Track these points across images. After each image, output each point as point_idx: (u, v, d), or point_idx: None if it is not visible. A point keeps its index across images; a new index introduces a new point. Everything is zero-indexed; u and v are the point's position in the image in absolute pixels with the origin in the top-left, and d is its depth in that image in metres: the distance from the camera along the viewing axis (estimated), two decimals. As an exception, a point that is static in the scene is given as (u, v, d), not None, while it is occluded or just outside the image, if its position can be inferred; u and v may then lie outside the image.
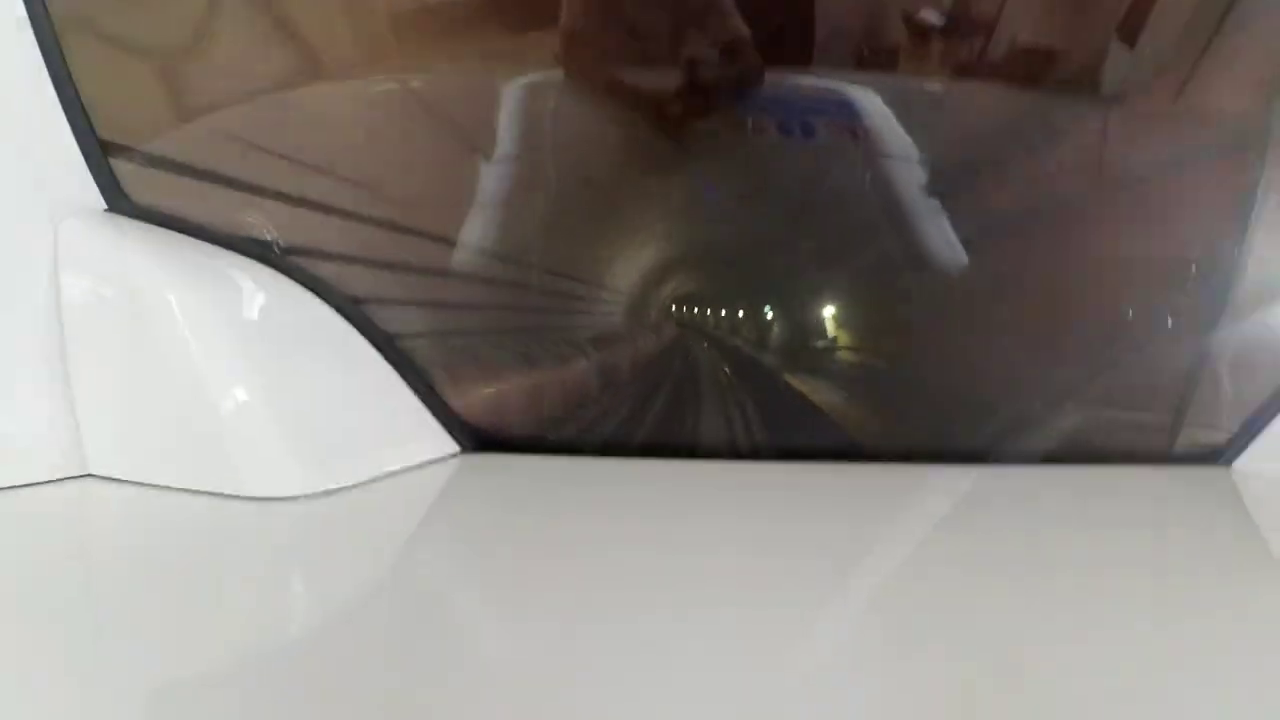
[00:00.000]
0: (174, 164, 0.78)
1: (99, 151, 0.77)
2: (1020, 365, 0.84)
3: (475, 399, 0.83)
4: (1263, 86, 0.82)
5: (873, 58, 0.90)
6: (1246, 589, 0.64)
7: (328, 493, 0.74)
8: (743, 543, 0.68)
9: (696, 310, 0.87)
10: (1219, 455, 0.80)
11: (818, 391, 0.85)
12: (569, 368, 0.86)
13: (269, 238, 0.79)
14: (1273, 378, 0.80)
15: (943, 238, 0.85)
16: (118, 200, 0.77)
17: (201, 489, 0.73)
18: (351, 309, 0.80)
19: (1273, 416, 0.79)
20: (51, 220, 0.75)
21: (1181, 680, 0.52)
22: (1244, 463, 0.80)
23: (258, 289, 0.77)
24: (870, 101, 0.87)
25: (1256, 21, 0.82)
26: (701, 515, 0.74)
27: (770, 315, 0.87)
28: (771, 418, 0.84)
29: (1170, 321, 0.82)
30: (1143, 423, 0.82)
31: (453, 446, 0.82)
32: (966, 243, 0.84)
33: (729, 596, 0.60)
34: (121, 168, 0.78)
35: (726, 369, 0.86)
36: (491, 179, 0.89)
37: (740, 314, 0.87)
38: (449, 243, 0.85)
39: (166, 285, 0.74)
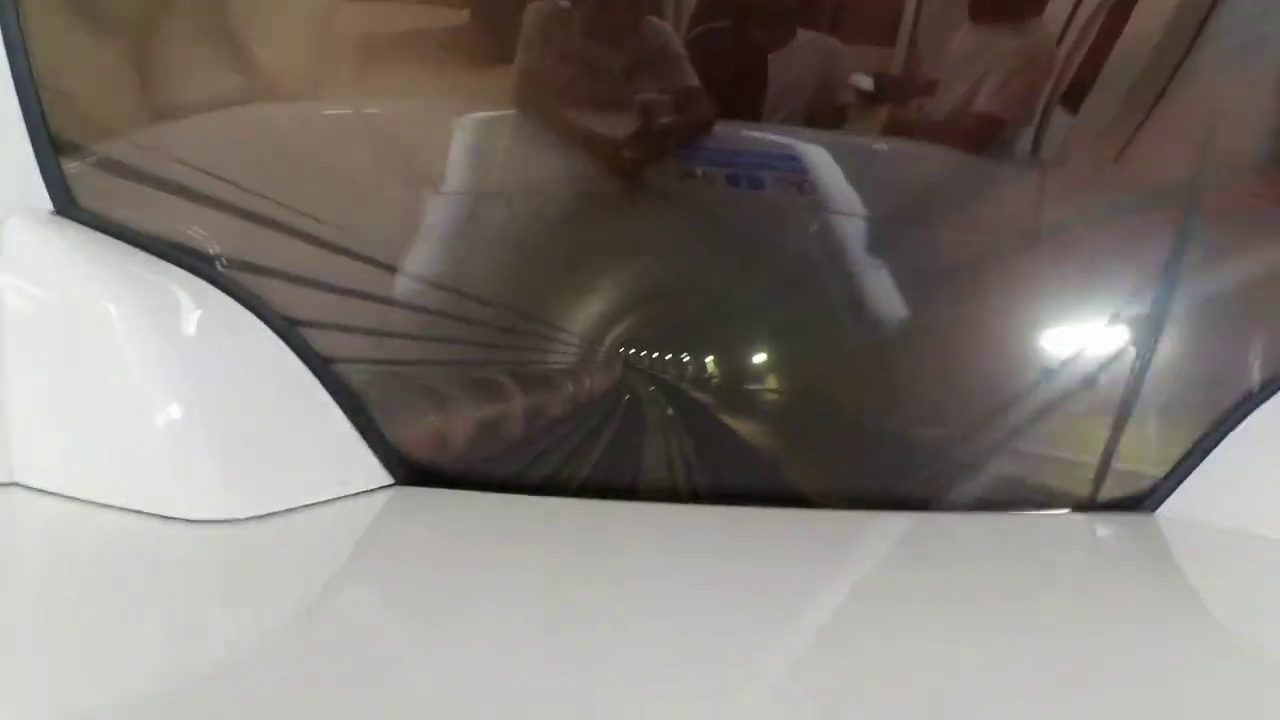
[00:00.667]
0: (125, 170, 0.77)
1: (51, 151, 0.76)
2: (952, 413, 0.85)
3: (411, 431, 0.82)
4: (1194, 148, 0.86)
5: (821, 115, 0.93)
6: (1175, 633, 0.66)
7: (256, 518, 0.72)
8: (677, 586, 0.67)
9: (639, 351, 0.87)
10: (1144, 501, 0.82)
11: (756, 435, 0.86)
12: (507, 404, 0.86)
13: (213, 252, 0.78)
14: (1195, 425, 0.82)
15: (882, 289, 0.87)
16: (65, 204, 0.76)
17: (129, 506, 0.70)
18: (291, 332, 0.79)
19: (1196, 463, 0.81)
20: (-7, 218, 0.74)
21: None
22: (1169, 509, 0.81)
23: (198, 306, 0.75)
24: (818, 156, 0.89)
25: (1195, 88, 0.85)
26: (636, 557, 0.74)
27: (712, 359, 0.88)
28: (711, 461, 0.84)
29: (1096, 371, 0.84)
30: (1069, 470, 0.83)
31: (386, 478, 0.80)
32: (904, 294, 0.86)
33: (662, 640, 0.59)
34: (72, 170, 0.77)
35: (667, 411, 0.86)
36: (439, 211, 0.89)
37: (683, 357, 0.87)
38: (393, 271, 0.85)
39: (107, 294, 0.72)
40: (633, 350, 0.87)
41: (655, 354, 0.87)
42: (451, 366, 0.86)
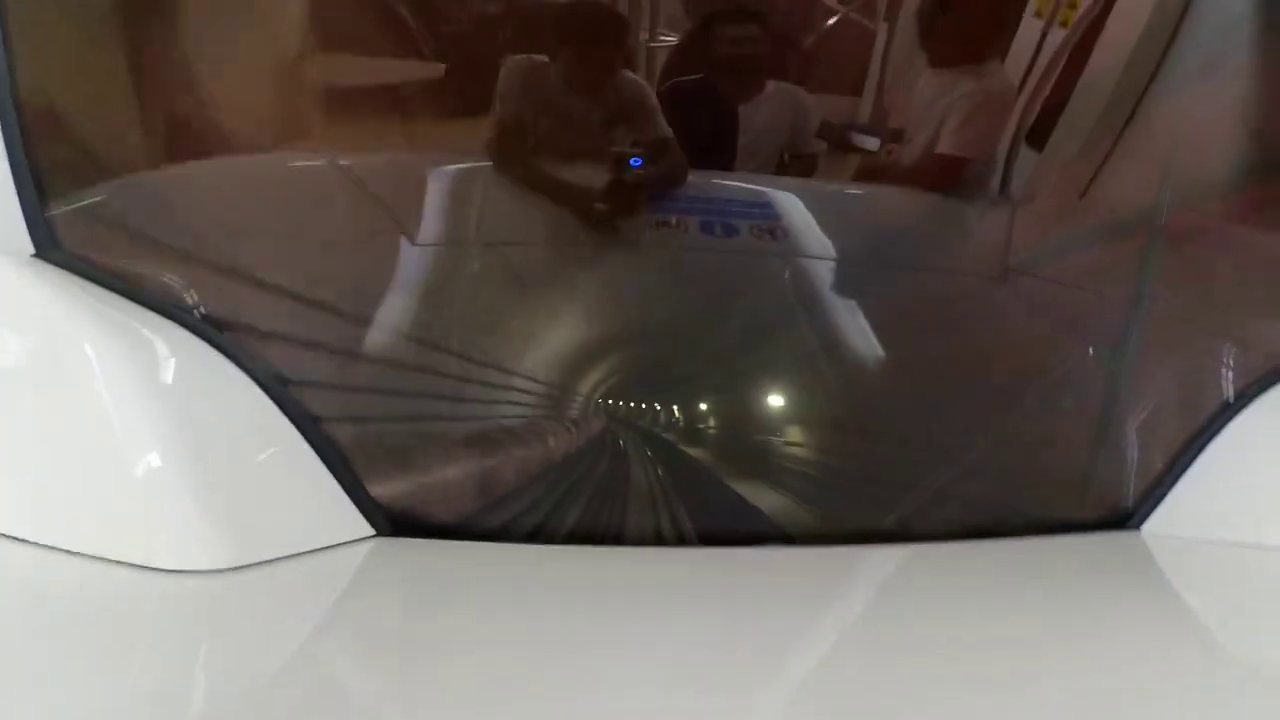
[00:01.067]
0: (106, 215, 0.77)
1: (34, 193, 0.75)
2: (930, 445, 0.86)
3: (391, 483, 0.81)
4: (1156, 177, 0.88)
5: (793, 163, 0.95)
6: (1170, 650, 0.66)
7: (236, 569, 0.70)
8: (668, 631, 0.66)
9: (617, 401, 0.87)
10: (1128, 519, 0.82)
11: (738, 476, 0.86)
12: (488, 456, 0.85)
13: (191, 303, 0.77)
14: (1174, 440, 0.83)
15: (856, 328, 0.87)
16: (46, 246, 0.76)
17: (103, 555, 0.68)
18: (271, 383, 0.78)
19: (1177, 477, 0.82)
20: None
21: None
22: (1154, 525, 0.81)
23: (178, 353, 0.74)
24: (790, 203, 0.91)
25: (1158, 121, 0.88)
26: (623, 602, 0.72)
27: (691, 405, 0.88)
28: (695, 505, 0.84)
29: (1071, 394, 0.85)
30: (1050, 493, 0.84)
31: (367, 529, 0.79)
32: (877, 333, 0.87)
33: (655, 685, 0.59)
34: (55, 213, 0.76)
35: (648, 458, 0.86)
36: (415, 264, 0.89)
37: (662, 404, 0.87)
38: (367, 325, 0.85)
39: (85, 338, 0.71)
40: (611, 400, 0.87)
41: (634, 402, 0.87)
42: (427, 420, 0.86)
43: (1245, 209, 0.89)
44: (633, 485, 0.85)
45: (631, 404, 0.87)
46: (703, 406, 0.89)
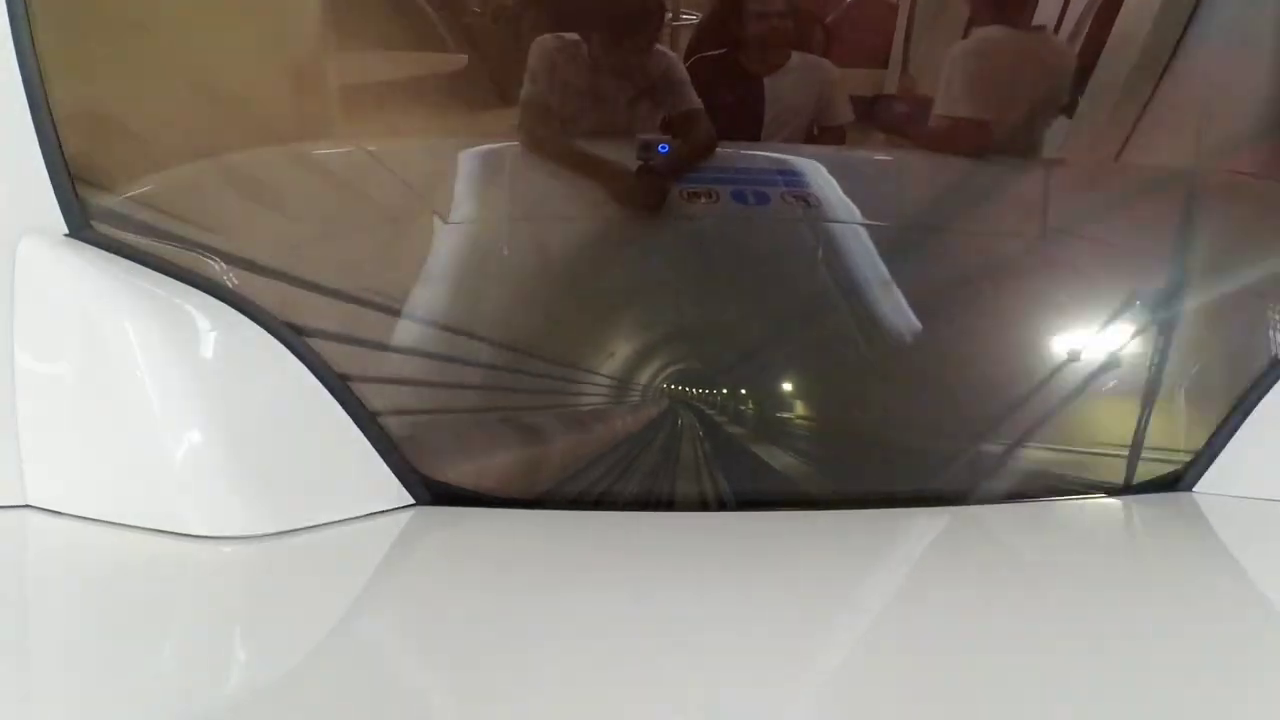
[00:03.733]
0: (140, 196, 0.77)
1: (66, 175, 0.75)
2: (978, 411, 0.85)
3: (430, 452, 0.81)
4: (1193, 135, 0.88)
5: (821, 133, 0.95)
6: (1223, 609, 0.65)
7: (274, 535, 0.70)
8: (715, 592, 0.65)
9: (658, 380, 0.86)
10: (1180, 480, 0.81)
11: (787, 448, 0.85)
12: (522, 427, 0.85)
13: (230, 282, 0.77)
14: (1224, 400, 0.81)
15: (896, 297, 0.87)
16: (79, 226, 0.76)
17: (145, 525, 0.68)
18: (308, 355, 0.78)
19: (1228, 438, 0.80)
20: (9, 241, 0.73)
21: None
22: (1206, 485, 0.80)
23: (215, 326, 0.74)
24: (820, 172, 0.91)
25: (1190, 79, 0.88)
26: (673, 566, 0.71)
27: (735, 381, 0.87)
28: (745, 479, 0.83)
29: (1120, 356, 0.84)
30: (1102, 455, 0.83)
31: (406, 498, 0.79)
32: (920, 300, 0.86)
33: (708, 649, 0.58)
34: (88, 194, 0.76)
35: (688, 428, 0.85)
36: (447, 248, 0.89)
37: (707, 381, 0.86)
38: (407, 300, 0.84)
39: (123, 313, 0.71)
40: (653, 378, 0.86)
41: (675, 381, 0.87)
42: (466, 391, 0.85)
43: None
44: (678, 456, 0.84)
45: (672, 381, 0.87)
46: (747, 381, 0.88)
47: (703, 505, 0.80)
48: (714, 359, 0.87)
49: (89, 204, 0.76)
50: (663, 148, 0.91)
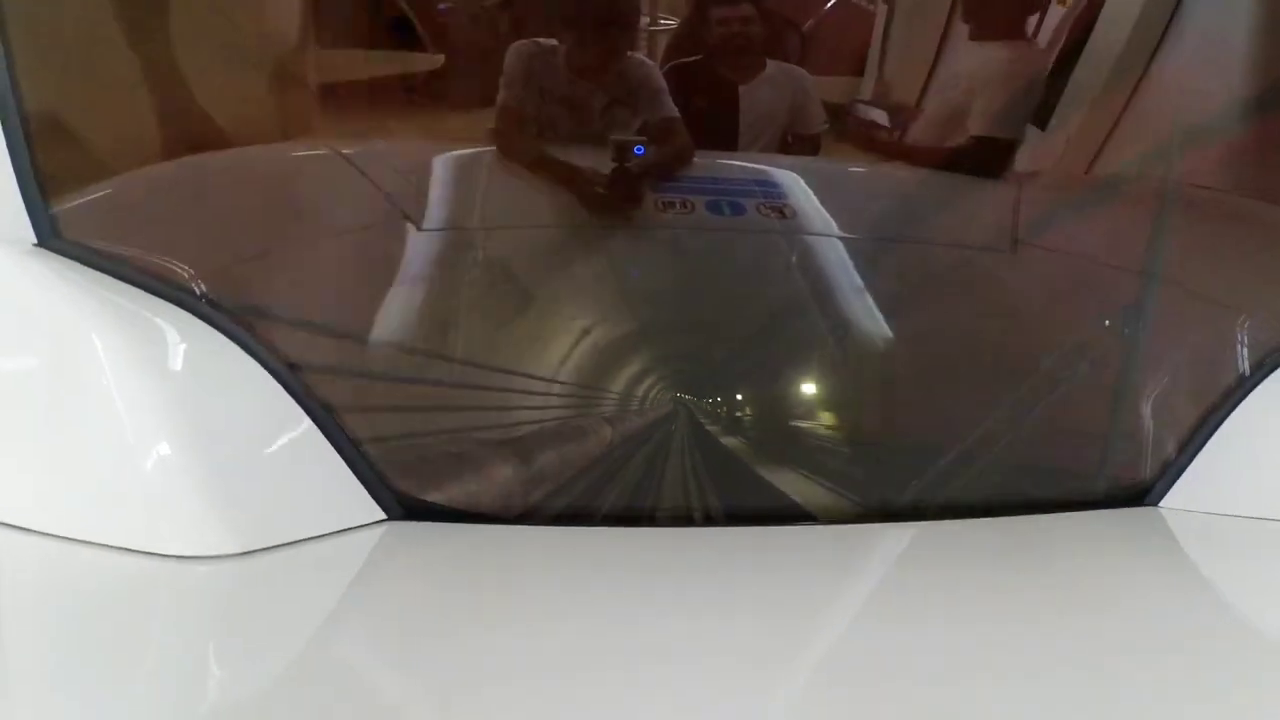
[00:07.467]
0: (110, 204, 0.76)
1: (35, 185, 0.74)
2: (946, 425, 0.85)
3: (402, 467, 0.80)
4: (1164, 144, 0.88)
5: (796, 142, 0.95)
6: (1191, 624, 0.65)
7: (247, 554, 0.69)
8: (689, 608, 0.66)
9: (632, 392, 0.86)
10: (1146, 495, 0.81)
11: (756, 457, 0.85)
12: (495, 440, 0.84)
13: (198, 291, 0.76)
14: (1190, 415, 0.82)
15: (867, 305, 0.87)
16: (47, 235, 0.75)
17: (116, 544, 0.67)
18: (279, 369, 0.77)
19: (1195, 454, 0.81)
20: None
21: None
22: (1172, 500, 0.81)
23: (185, 339, 0.73)
24: (795, 181, 0.91)
25: (1160, 91, 0.88)
26: (647, 582, 0.71)
27: (709, 390, 0.87)
28: (717, 486, 0.83)
29: (1086, 369, 0.85)
30: (1067, 469, 0.83)
31: (378, 513, 0.78)
32: (889, 309, 0.86)
33: (673, 667, 0.58)
34: (57, 204, 0.75)
35: (667, 441, 0.85)
36: (419, 255, 0.89)
37: (680, 390, 0.86)
38: (378, 311, 0.84)
39: (91, 326, 0.70)
40: (626, 391, 0.86)
41: (649, 394, 0.86)
42: (436, 411, 0.85)
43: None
44: (652, 470, 0.84)
45: (644, 393, 0.87)
46: (718, 389, 0.88)
47: (677, 520, 0.80)
48: (687, 373, 0.87)
49: (58, 215, 0.75)
50: (639, 149, 0.91)
